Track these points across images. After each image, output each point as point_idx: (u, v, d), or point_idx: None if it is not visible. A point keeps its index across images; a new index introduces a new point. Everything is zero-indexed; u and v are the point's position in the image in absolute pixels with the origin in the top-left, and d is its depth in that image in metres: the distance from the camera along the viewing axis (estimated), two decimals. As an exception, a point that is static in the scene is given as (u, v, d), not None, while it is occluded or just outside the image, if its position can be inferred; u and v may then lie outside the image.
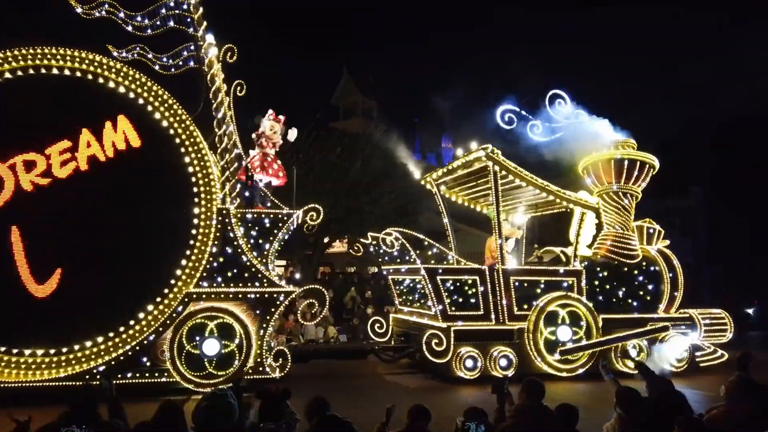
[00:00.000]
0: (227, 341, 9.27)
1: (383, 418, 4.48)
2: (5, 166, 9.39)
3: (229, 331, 9.29)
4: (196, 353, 9.16)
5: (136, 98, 9.86)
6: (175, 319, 9.28)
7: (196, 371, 9.14)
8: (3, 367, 8.96)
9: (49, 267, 9.36)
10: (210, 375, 9.15)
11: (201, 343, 9.17)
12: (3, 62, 9.45)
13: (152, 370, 9.20)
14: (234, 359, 9.27)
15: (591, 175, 12.46)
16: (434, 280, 10.51)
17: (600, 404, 7.00)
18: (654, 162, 12.24)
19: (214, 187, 9.88)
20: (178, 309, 9.32)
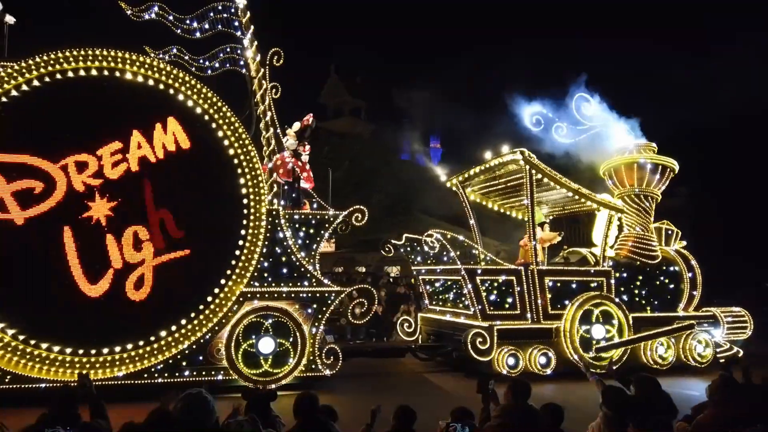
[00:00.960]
0: (282, 339, 9.45)
1: (430, 415, 4.56)
2: (57, 167, 9.45)
3: (283, 330, 9.48)
4: (253, 351, 9.32)
5: (185, 100, 9.98)
6: (231, 318, 9.43)
7: (253, 369, 9.30)
8: (58, 366, 9.02)
9: (101, 267, 9.45)
10: (266, 373, 9.32)
11: (257, 342, 9.33)
12: (55, 63, 9.50)
13: (208, 369, 9.34)
14: (289, 357, 9.45)
15: (613, 177, 12.88)
16: (474, 280, 10.82)
17: (586, 403, 6.88)
18: (674, 166, 12.72)
19: (263, 188, 10.04)
20: (233, 308, 9.47)
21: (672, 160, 12.74)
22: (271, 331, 9.41)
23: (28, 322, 9.07)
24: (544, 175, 11.21)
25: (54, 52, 9.50)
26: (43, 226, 9.29)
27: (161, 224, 9.71)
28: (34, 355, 8.98)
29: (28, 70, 9.42)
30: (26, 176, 9.32)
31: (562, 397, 8.68)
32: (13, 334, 8.96)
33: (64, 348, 9.12)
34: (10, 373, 8.72)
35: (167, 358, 9.21)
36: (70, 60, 9.57)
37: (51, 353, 9.03)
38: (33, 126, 9.44)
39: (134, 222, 9.61)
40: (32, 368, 8.92)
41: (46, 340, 9.08)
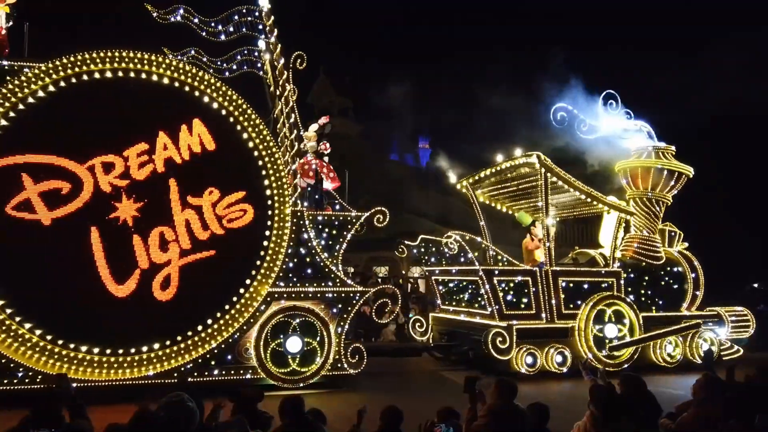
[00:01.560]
0: (309, 339, 9.59)
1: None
2: (84, 167, 9.49)
3: (310, 329, 9.62)
4: (281, 350, 9.45)
5: (210, 102, 10.08)
6: (259, 317, 9.55)
7: (281, 368, 9.43)
8: (86, 365, 9.06)
9: (128, 268, 9.50)
10: (294, 371, 9.47)
11: (285, 341, 9.46)
12: (82, 64, 9.54)
13: (237, 368, 9.45)
14: (316, 356, 9.60)
15: (627, 177, 13.17)
16: (491, 280, 11.06)
17: (573, 402, 6.98)
18: (690, 172, 13.06)
19: (287, 189, 10.17)
20: (261, 308, 9.59)
21: (688, 167, 13.07)
22: (299, 331, 9.54)
23: (55, 322, 9.10)
24: (558, 178, 11.49)
25: (81, 54, 9.54)
26: (70, 226, 9.33)
27: (187, 225, 9.80)
28: (62, 355, 9.01)
29: (55, 71, 9.44)
30: (53, 177, 9.35)
31: (580, 394, 8.91)
32: (41, 334, 8.98)
33: (92, 348, 9.16)
34: (42, 372, 8.75)
35: (196, 358, 9.31)
36: (96, 61, 9.61)
37: (79, 353, 9.07)
38: (60, 127, 9.46)
39: (160, 223, 9.69)
40: (60, 368, 8.94)
41: (74, 340, 9.11)
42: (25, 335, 8.90)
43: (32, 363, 8.81)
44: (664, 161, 12.77)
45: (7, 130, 9.23)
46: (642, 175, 13.04)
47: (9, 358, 8.68)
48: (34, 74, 9.37)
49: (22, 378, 8.68)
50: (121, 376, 9.12)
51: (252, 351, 9.43)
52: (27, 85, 9.33)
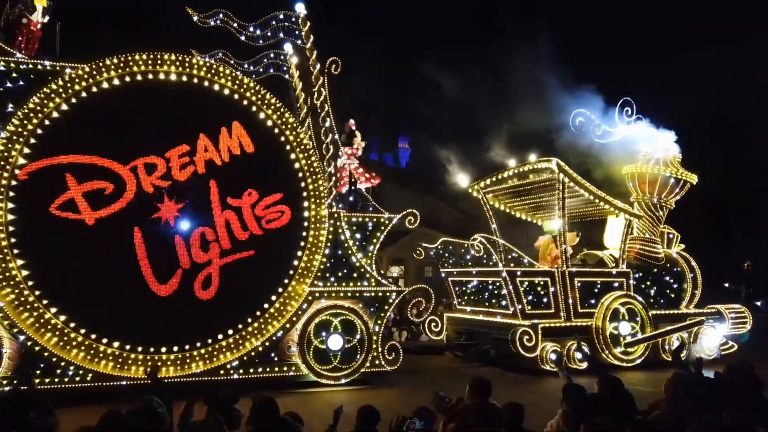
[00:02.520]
0: (350, 337, 9.87)
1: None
2: (127, 168, 9.60)
3: (351, 328, 9.90)
4: (323, 348, 9.71)
5: (249, 105, 10.30)
6: (301, 316, 9.78)
7: (323, 365, 9.69)
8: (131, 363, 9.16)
9: (170, 268, 9.64)
10: (336, 368, 9.73)
11: (327, 339, 9.72)
12: (125, 66, 9.66)
13: (280, 365, 9.66)
14: (356, 353, 9.88)
15: (634, 181, 13.85)
16: (514, 281, 11.52)
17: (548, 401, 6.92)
18: (694, 180, 13.81)
19: (323, 191, 10.45)
20: (303, 306, 9.83)
21: (693, 175, 13.82)
22: (340, 329, 9.81)
23: (99, 321, 9.18)
24: (575, 182, 12.04)
25: (124, 56, 9.66)
26: (113, 226, 9.43)
27: (227, 225, 9.99)
28: (107, 354, 9.10)
29: (99, 73, 9.54)
30: (97, 177, 9.44)
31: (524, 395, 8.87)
32: (85, 333, 9.05)
33: (136, 346, 9.26)
34: (91, 370, 8.82)
35: (242, 355, 9.49)
36: (140, 63, 9.74)
37: (123, 351, 9.16)
38: (102, 128, 9.55)
39: (201, 223, 9.86)
40: (106, 365, 9.03)
41: (118, 339, 9.20)
42: (71, 334, 8.96)
43: (81, 361, 8.87)
44: (672, 169, 13.49)
45: (51, 131, 9.29)
46: (649, 181, 13.74)
47: (60, 356, 8.72)
48: (77, 75, 9.45)
49: (72, 376, 8.73)
50: (167, 374, 9.23)
51: (295, 348, 9.64)
52: (70, 85, 9.41)
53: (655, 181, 13.39)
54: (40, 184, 9.17)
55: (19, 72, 9.38)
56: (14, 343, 8.58)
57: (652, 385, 7.87)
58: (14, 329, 8.59)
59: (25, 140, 9.14)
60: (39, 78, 9.44)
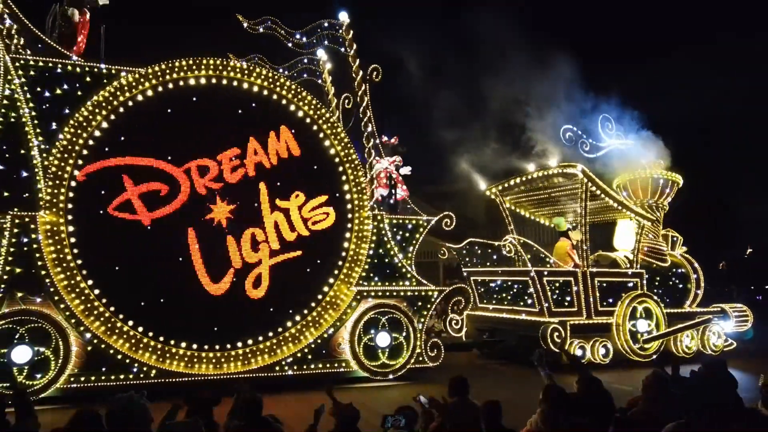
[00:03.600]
0: (396, 334, 10.29)
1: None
2: (181, 170, 9.84)
3: (397, 325, 10.32)
4: (372, 345, 10.10)
5: (296, 110, 10.63)
6: (351, 314, 10.16)
7: (373, 361, 10.09)
8: (187, 360, 9.41)
9: (222, 267, 9.92)
10: (384, 365, 10.14)
11: (375, 336, 10.12)
12: (180, 71, 9.91)
13: (331, 361, 10.03)
14: (402, 350, 10.30)
15: (628, 189, 14.57)
16: (542, 281, 12.09)
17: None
18: (680, 181, 14.62)
19: (365, 194, 10.84)
20: (352, 304, 10.20)
21: (678, 176, 14.63)
22: (387, 327, 10.22)
23: (156, 319, 9.41)
24: (598, 187, 12.65)
25: (179, 60, 9.89)
26: (168, 227, 9.67)
27: (275, 226, 10.30)
28: (164, 351, 9.33)
29: (155, 77, 9.77)
30: (152, 179, 9.67)
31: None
32: (143, 331, 9.27)
33: (191, 344, 9.51)
34: (155, 367, 9.06)
35: (295, 352, 9.83)
36: (193, 68, 9.99)
37: (180, 349, 9.41)
38: (157, 130, 9.78)
39: (251, 224, 10.16)
40: (170, 363, 9.27)
41: (173, 337, 9.45)
42: (130, 332, 9.18)
43: (143, 358, 9.09)
44: (660, 171, 14.31)
45: (109, 133, 9.49)
46: (642, 186, 14.50)
47: (124, 353, 8.94)
48: (134, 78, 9.65)
49: (137, 373, 8.95)
50: (225, 370, 9.50)
51: (345, 346, 10.02)
52: (127, 89, 9.61)
53: (646, 185, 14.16)
54: (98, 185, 9.37)
55: (76, 75, 9.54)
56: (80, 341, 8.76)
57: (630, 383, 7.77)
58: (80, 327, 8.77)
59: (83, 143, 9.32)
60: (95, 81, 9.62)
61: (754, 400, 4.97)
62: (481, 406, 4.57)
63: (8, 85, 9.30)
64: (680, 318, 13.45)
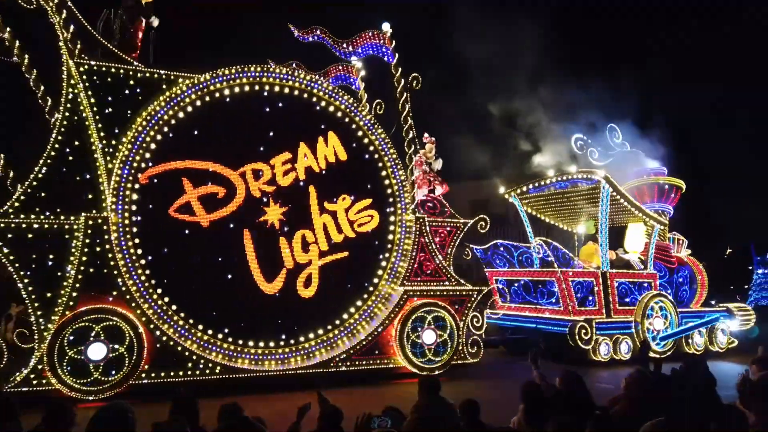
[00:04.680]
0: (441, 332, 10.78)
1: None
2: (237, 173, 10.19)
3: (442, 323, 10.81)
4: (418, 342, 10.58)
5: (343, 117, 11.05)
6: (398, 312, 10.62)
7: (420, 358, 10.57)
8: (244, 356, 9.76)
9: (275, 267, 10.30)
10: (430, 361, 10.62)
11: (422, 333, 10.60)
12: (236, 77, 10.26)
13: (381, 358, 10.48)
14: (446, 347, 10.80)
15: (634, 195, 15.32)
16: (567, 281, 12.72)
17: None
18: (683, 185, 15.47)
19: (407, 197, 11.31)
20: (399, 303, 10.66)
21: (682, 182, 15.47)
22: (433, 325, 10.71)
23: (214, 317, 9.75)
24: (619, 194, 13.33)
25: (235, 67, 10.24)
26: (225, 228, 10.03)
27: (324, 228, 10.72)
28: (221, 347, 9.67)
29: (212, 83, 10.09)
30: (210, 182, 10.01)
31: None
32: (202, 329, 9.61)
33: (247, 341, 9.87)
34: (220, 364, 9.40)
35: (348, 349, 10.24)
36: (249, 75, 10.34)
37: (233, 345, 9.75)
38: (215, 135, 10.12)
39: (302, 226, 10.57)
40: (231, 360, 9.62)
41: (231, 334, 9.79)
42: (191, 329, 9.51)
43: (207, 354, 9.43)
44: (665, 178, 15.18)
45: (169, 137, 9.79)
46: (648, 191, 15.32)
47: (191, 350, 9.27)
48: (192, 84, 9.97)
49: (203, 369, 9.28)
50: (277, 366, 9.88)
51: (394, 343, 10.48)
52: (186, 94, 9.92)
53: (653, 190, 15.00)
54: (160, 187, 9.67)
55: (137, 80, 9.82)
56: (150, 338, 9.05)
57: (612, 381, 7.72)
58: (150, 325, 9.08)
59: (146, 146, 9.61)
60: (155, 86, 9.92)
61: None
62: (459, 404, 4.65)
63: (72, 90, 9.57)
64: (690, 317, 14.21)
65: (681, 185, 15.65)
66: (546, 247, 12.90)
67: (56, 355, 8.33)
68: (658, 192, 15.43)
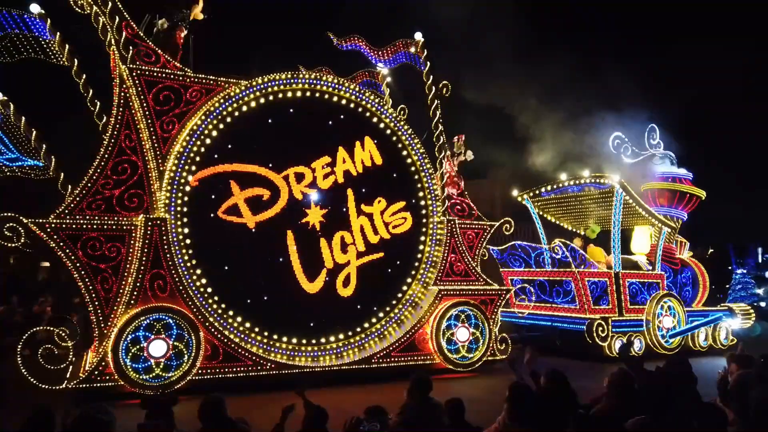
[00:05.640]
0: (474, 329, 11.29)
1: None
2: (280, 176, 10.57)
3: (474, 321, 11.32)
4: (453, 339, 11.08)
5: (378, 122, 11.48)
6: (433, 311, 11.10)
7: (454, 354, 11.06)
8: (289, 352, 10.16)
9: (316, 267, 10.71)
10: (464, 357, 11.13)
11: (456, 331, 11.10)
12: (281, 84, 10.63)
13: (418, 355, 10.95)
14: (479, 343, 11.32)
15: (654, 196, 16.03)
16: (584, 280, 13.33)
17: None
18: (703, 195, 16.17)
19: (439, 200, 11.79)
20: (434, 302, 11.14)
21: (702, 191, 16.17)
22: (465, 323, 11.22)
23: (262, 315, 10.13)
24: (632, 198, 13.98)
25: (278, 74, 10.62)
26: (270, 230, 10.40)
27: (361, 230, 11.15)
28: (271, 344, 10.06)
29: (258, 89, 10.46)
30: (256, 185, 10.38)
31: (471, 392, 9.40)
32: (250, 327, 9.98)
33: (291, 338, 10.27)
34: (272, 361, 9.78)
35: (387, 346, 10.69)
36: (292, 82, 10.72)
37: (283, 343, 10.15)
38: (260, 139, 10.48)
39: (341, 228, 10.98)
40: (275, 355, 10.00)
41: (277, 331, 10.18)
42: (240, 327, 9.88)
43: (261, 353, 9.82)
44: (686, 186, 15.86)
45: (218, 141, 10.14)
46: (666, 196, 16.00)
47: (240, 347, 9.64)
48: (240, 90, 10.32)
49: (253, 365, 9.66)
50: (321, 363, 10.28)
51: (430, 340, 10.96)
52: (233, 100, 10.27)
53: (672, 195, 15.70)
54: (209, 190, 10.01)
55: (186, 85, 10.15)
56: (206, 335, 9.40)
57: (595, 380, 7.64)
58: (206, 323, 9.42)
59: (196, 150, 9.94)
60: (203, 91, 10.26)
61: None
62: (445, 403, 4.75)
63: (125, 94, 9.84)
64: (695, 316, 14.95)
65: (701, 194, 16.36)
66: (564, 249, 13.50)
67: (120, 352, 8.64)
68: (678, 198, 16.12)
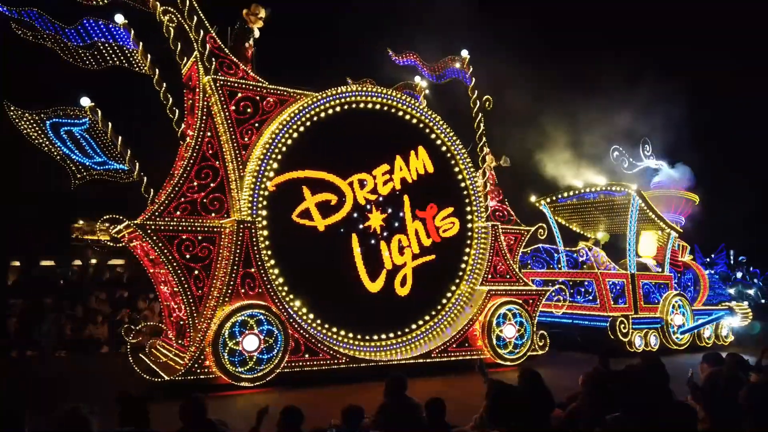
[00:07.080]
0: (519, 327, 12.23)
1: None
2: (346, 183, 11.31)
3: (519, 319, 12.25)
4: (501, 335, 11.99)
5: (430, 132, 12.31)
6: (482, 309, 11.98)
7: (502, 350, 11.97)
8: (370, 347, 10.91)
9: (377, 268, 11.49)
10: (511, 352, 12.05)
11: (503, 328, 12.01)
12: (348, 96, 11.37)
13: (469, 350, 11.81)
14: (523, 339, 12.25)
15: (648, 202, 17.29)
16: (604, 281, 14.44)
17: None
18: (697, 199, 17.56)
19: (482, 207, 12.69)
20: (484, 301, 12.03)
21: (695, 196, 17.55)
22: (512, 320, 12.14)
23: (331, 312, 10.86)
24: (647, 206, 15.16)
25: (347, 87, 11.37)
26: (337, 233, 11.13)
27: (416, 233, 11.96)
28: (342, 340, 10.79)
29: (328, 101, 11.16)
30: (325, 190, 11.09)
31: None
32: (320, 323, 10.69)
33: (356, 334, 11.01)
34: (346, 355, 10.51)
35: (444, 343, 11.52)
36: (360, 94, 11.46)
37: (349, 339, 10.89)
38: (328, 147, 11.19)
39: (398, 231, 11.78)
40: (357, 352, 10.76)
41: (344, 327, 10.92)
42: (313, 323, 10.58)
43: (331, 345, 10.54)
44: (682, 192, 17.23)
45: (293, 149, 10.82)
46: (665, 202, 17.32)
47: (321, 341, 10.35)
48: (313, 101, 11.02)
49: (331, 359, 10.38)
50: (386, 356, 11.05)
51: (481, 337, 11.84)
52: (307, 110, 10.96)
53: (670, 201, 17.01)
54: (284, 194, 10.68)
55: (262, 95, 10.81)
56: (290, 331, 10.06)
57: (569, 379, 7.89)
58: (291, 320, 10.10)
59: (274, 157, 10.60)
60: (278, 102, 10.94)
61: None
62: (425, 403, 4.84)
63: (207, 103, 10.43)
64: (700, 314, 16.24)
65: (695, 198, 17.73)
66: (588, 252, 14.59)
67: (220, 346, 9.26)
68: (675, 204, 17.45)
